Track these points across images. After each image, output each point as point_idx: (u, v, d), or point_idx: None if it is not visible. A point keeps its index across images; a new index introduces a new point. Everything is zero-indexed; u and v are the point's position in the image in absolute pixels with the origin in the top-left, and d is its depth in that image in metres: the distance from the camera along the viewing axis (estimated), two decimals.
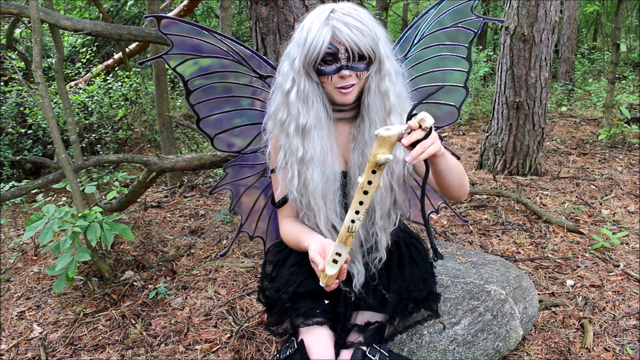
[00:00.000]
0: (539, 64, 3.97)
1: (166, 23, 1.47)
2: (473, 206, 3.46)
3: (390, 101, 1.26)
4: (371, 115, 1.27)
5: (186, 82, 1.56)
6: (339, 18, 1.17)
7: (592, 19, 11.00)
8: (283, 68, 1.29)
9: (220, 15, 4.19)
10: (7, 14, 3.00)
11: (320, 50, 1.17)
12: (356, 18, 1.17)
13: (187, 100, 1.59)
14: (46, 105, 2.45)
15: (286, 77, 1.27)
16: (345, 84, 1.22)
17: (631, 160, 4.42)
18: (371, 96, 1.26)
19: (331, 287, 1.16)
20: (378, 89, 1.25)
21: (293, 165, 1.30)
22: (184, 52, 1.52)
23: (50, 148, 4.98)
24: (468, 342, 1.70)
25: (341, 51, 1.18)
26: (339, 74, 1.20)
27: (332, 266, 1.14)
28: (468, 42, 1.64)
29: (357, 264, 1.39)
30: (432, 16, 1.60)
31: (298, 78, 1.24)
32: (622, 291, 2.32)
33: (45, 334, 2.22)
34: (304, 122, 1.25)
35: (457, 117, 1.71)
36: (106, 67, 6.27)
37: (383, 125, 1.26)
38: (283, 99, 1.29)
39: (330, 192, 1.31)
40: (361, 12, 1.21)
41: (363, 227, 1.36)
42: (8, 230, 3.59)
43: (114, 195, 2.82)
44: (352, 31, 1.16)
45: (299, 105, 1.25)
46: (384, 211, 1.34)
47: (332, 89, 1.24)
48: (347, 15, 1.17)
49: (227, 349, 2.03)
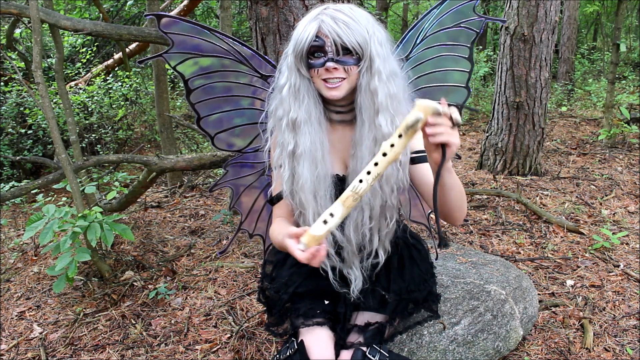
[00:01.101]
0: (539, 64, 3.97)
1: (166, 22, 1.47)
2: (473, 206, 3.46)
3: (379, 100, 1.23)
4: (362, 115, 1.26)
5: (186, 81, 1.56)
6: (328, 13, 1.19)
7: (592, 19, 11.01)
8: (282, 66, 1.31)
9: (220, 15, 4.20)
10: (7, 14, 3.00)
11: (306, 43, 1.19)
12: (347, 14, 1.19)
13: (187, 99, 1.59)
14: (46, 105, 2.45)
15: (282, 74, 1.30)
16: (331, 77, 1.22)
17: (631, 160, 4.42)
18: (362, 95, 1.25)
19: (312, 257, 1.04)
20: (368, 87, 1.24)
21: (285, 159, 1.31)
22: (184, 51, 1.52)
23: (50, 148, 4.98)
24: (468, 342, 1.70)
25: (327, 44, 1.19)
26: (325, 66, 1.21)
27: (320, 227, 1.02)
28: (470, 42, 1.64)
29: (355, 269, 1.38)
30: (434, 17, 1.60)
31: (290, 73, 1.26)
32: (622, 291, 2.32)
33: (45, 334, 2.22)
34: (294, 116, 1.27)
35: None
36: (106, 67, 6.27)
37: (372, 125, 1.25)
38: (279, 95, 1.31)
39: (321, 189, 1.29)
40: (356, 10, 1.21)
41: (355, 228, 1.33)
42: (8, 230, 3.59)
43: (114, 196, 2.82)
44: (337, 24, 1.17)
45: (290, 100, 1.27)
46: (374, 212, 1.32)
47: (320, 83, 1.25)
48: (337, 11, 1.19)
49: (227, 349, 2.03)
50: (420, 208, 1.90)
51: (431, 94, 1.67)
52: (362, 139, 1.27)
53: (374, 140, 1.25)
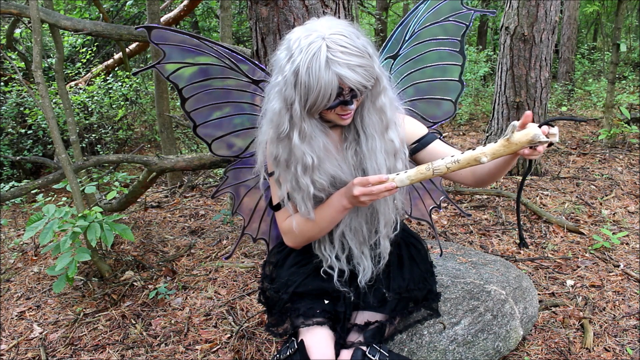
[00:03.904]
0: (539, 64, 3.97)
1: (157, 33, 1.49)
2: (473, 206, 3.46)
3: (388, 116, 1.26)
4: (368, 130, 1.27)
5: (180, 90, 1.57)
6: (340, 60, 1.09)
7: (592, 19, 11.00)
8: (274, 105, 1.21)
9: (220, 16, 4.20)
10: (7, 14, 3.00)
11: (329, 101, 1.14)
12: (354, 53, 1.11)
13: (182, 108, 1.61)
14: (46, 105, 2.45)
15: (280, 118, 1.20)
16: (347, 112, 1.21)
17: (631, 160, 4.42)
18: (365, 111, 1.26)
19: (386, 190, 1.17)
20: (373, 105, 1.25)
21: (306, 200, 1.28)
22: (176, 61, 1.53)
23: (50, 148, 4.98)
24: (468, 342, 1.70)
25: (345, 90, 1.15)
26: (344, 107, 1.19)
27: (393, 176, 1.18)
28: (460, 35, 1.64)
29: (365, 260, 1.39)
30: (422, 12, 1.60)
31: (299, 122, 1.19)
32: (622, 291, 2.32)
33: (45, 334, 2.22)
34: (311, 161, 1.23)
35: (453, 111, 1.72)
36: (106, 67, 6.28)
37: (382, 139, 1.27)
38: (279, 138, 1.23)
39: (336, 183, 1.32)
40: (352, 37, 1.13)
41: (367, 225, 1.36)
42: (8, 230, 3.59)
43: (114, 196, 2.82)
44: (357, 73, 1.11)
45: (303, 147, 1.22)
46: (387, 218, 1.35)
47: (334, 117, 1.23)
48: (346, 53, 1.10)
49: (227, 349, 2.03)
50: (421, 207, 1.90)
51: (424, 90, 1.68)
52: (371, 152, 1.27)
53: (385, 152, 1.28)
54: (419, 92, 1.68)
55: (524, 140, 1.06)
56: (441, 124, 1.74)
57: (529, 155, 1.09)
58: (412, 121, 1.42)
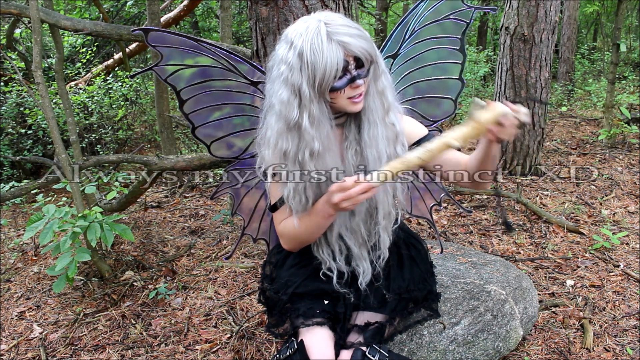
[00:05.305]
0: (539, 64, 3.97)
1: (154, 36, 1.48)
2: (473, 206, 3.46)
3: (389, 100, 1.26)
4: (371, 116, 1.26)
5: (178, 92, 1.57)
6: (340, 31, 1.12)
7: (592, 19, 11.00)
8: (281, 95, 1.19)
9: (220, 16, 4.20)
10: (7, 14, 3.01)
11: (337, 71, 1.13)
12: (353, 26, 1.15)
13: (181, 110, 1.60)
14: (46, 105, 2.45)
15: (289, 106, 1.18)
16: (356, 92, 1.20)
17: (631, 161, 4.42)
18: (370, 97, 1.25)
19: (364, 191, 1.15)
20: (376, 89, 1.24)
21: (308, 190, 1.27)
22: (173, 63, 1.53)
23: (50, 148, 4.98)
24: (468, 342, 1.70)
25: (350, 63, 1.15)
26: (354, 84, 1.18)
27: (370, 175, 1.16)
28: (460, 33, 1.63)
29: (364, 262, 1.39)
30: (422, 10, 1.60)
31: (309, 104, 1.17)
32: (622, 291, 2.32)
33: (45, 334, 2.22)
34: (317, 147, 1.22)
35: (453, 110, 1.72)
36: (106, 67, 6.28)
37: (383, 124, 1.26)
38: (288, 129, 1.21)
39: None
40: (347, 18, 1.18)
41: (365, 225, 1.36)
42: (8, 230, 3.59)
43: (114, 196, 2.82)
44: (359, 40, 1.13)
45: (312, 131, 1.20)
46: (386, 210, 1.34)
47: (344, 101, 1.21)
48: (344, 26, 1.13)
49: (227, 349, 2.03)
50: (422, 206, 1.90)
51: (424, 89, 1.68)
52: (372, 139, 1.26)
53: (386, 139, 1.27)
54: (418, 92, 1.68)
55: (490, 118, 1.06)
56: (441, 123, 1.74)
57: (499, 133, 1.08)
58: (412, 121, 1.41)
